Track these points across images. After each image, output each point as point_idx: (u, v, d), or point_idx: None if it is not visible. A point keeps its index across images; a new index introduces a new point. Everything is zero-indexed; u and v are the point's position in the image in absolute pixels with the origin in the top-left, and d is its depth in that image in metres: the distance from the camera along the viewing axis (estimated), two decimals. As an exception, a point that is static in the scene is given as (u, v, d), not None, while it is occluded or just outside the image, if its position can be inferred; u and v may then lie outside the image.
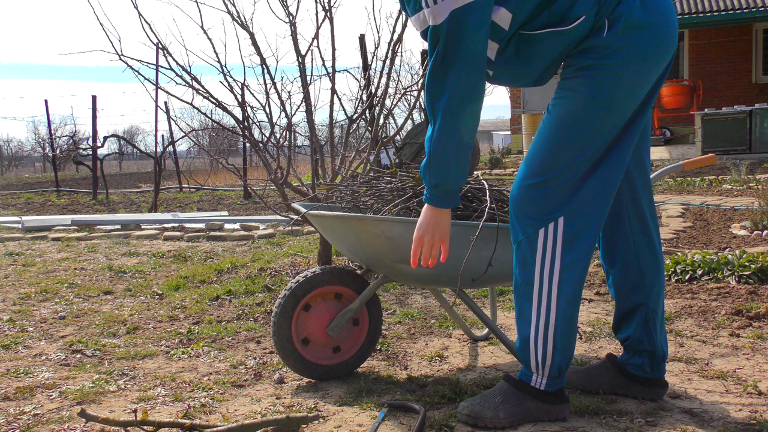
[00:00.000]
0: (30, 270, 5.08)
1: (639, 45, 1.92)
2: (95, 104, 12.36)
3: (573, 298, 2.04)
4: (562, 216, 1.99)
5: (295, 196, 4.57)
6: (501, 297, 3.82)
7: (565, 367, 2.10)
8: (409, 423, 2.13)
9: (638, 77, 1.96)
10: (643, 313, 2.25)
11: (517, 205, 2.04)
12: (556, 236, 1.99)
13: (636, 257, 2.24)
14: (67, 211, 10.17)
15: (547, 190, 1.99)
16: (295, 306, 2.52)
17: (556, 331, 2.04)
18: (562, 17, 1.91)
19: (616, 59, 1.92)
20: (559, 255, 2.00)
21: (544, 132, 2.02)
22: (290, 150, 4.23)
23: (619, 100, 1.96)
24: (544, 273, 2.01)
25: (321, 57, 4.16)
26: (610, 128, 1.98)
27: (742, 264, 3.92)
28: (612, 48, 1.91)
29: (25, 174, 34.51)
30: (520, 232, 2.04)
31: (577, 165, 1.98)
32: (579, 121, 1.96)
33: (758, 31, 15.89)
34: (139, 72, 3.94)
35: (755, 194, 7.50)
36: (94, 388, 2.55)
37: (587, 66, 1.94)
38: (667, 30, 1.97)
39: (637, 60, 1.93)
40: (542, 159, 2.00)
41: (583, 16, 1.89)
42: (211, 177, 17.08)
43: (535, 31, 1.94)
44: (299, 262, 4.70)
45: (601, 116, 1.95)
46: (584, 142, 1.97)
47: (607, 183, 2.01)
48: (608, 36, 1.91)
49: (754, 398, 2.28)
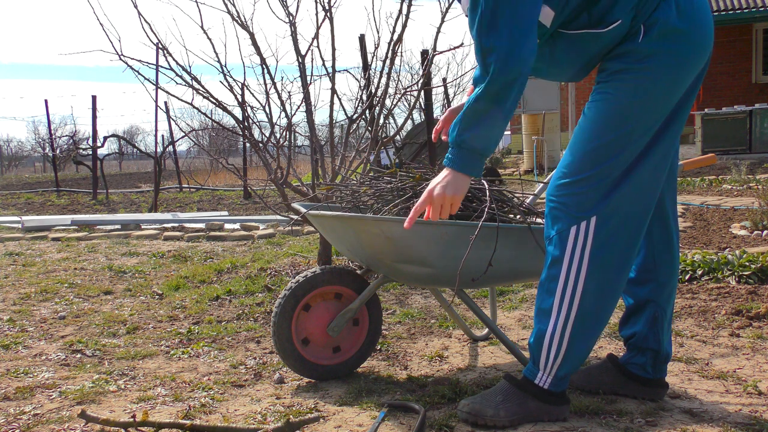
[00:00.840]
0: (30, 270, 5.08)
1: (673, 51, 1.94)
2: (95, 104, 12.37)
3: (599, 301, 2.02)
4: (595, 216, 1.99)
5: (295, 196, 4.57)
6: (501, 297, 3.82)
7: (573, 371, 2.10)
8: (409, 423, 2.13)
9: (672, 82, 1.98)
10: (652, 310, 2.26)
11: (551, 202, 2.06)
12: (587, 235, 1.99)
13: (653, 254, 2.25)
14: (67, 211, 10.17)
15: (580, 189, 2.00)
16: (295, 306, 2.52)
17: (573, 331, 2.03)
18: (600, 19, 1.95)
19: (649, 64, 1.94)
20: (588, 254, 1.99)
21: (578, 134, 2.05)
22: (290, 150, 4.23)
23: (652, 104, 1.98)
24: (571, 271, 2.01)
25: (321, 57, 4.16)
26: (643, 131, 2.00)
27: (742, 264, 3.92)
28: (646, 53, 1.94)
29: (25, 174, 34.52)
30: (552, 228, 2.05)
31: (611, 167, 1.99)
32: (611, 124, 1.98)
33: (758, 31, 15.90)
34: (139, 72, 3.94)
35: (755, 194, 7.50)
36: (94, 388, 2.55)
37: (621, 70, 1.97)
38: (702, 36, 1.98)
39: (671, 66, 1.95)
40: (576, 159, 2.03)
41: (620, 20, 1.93)
42: (211, 177, 17.09)
43: (572, 31, 1.98)
44: (299, 262, 4.70)
45: (634, 120, 1.97)
46: (617, 145, 1.98)
47: (643, 186, 2.02)
48: (643, 41, 1.94)
49: (754, 398, 2.28)
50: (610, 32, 1.95)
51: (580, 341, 2.05)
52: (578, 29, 1.98)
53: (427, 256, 2.33)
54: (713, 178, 10.17)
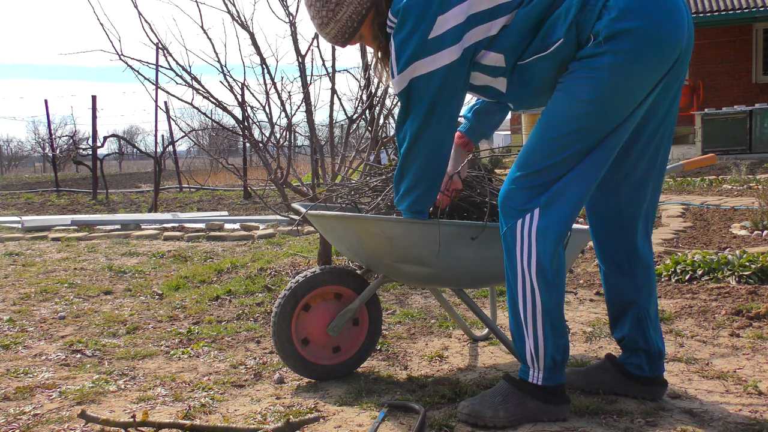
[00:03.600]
0: (30, 270, 5.08)
1: (628, 50, 1.95)
2: (95, 104, 12.37)
3: (553, 285, 2.07)
4: (538, 207, 2.05)
5: (295, 196, 4.57)
6: (501, 297, 3.82)
7: (560, 358, 2.11)
8: (409, 423, 2.13)
9: (625, 80, 1.98)
10: (635, 311, 2.29)
11: (502, 197, 2.12)
12: (531, 226, 2.05)
13: (626, 256, 2.29)
14: (67, 211, 10.17)
15: (528, 184, 2.07)
16: (295, 306, 2.52)
17: (544, 320, 2.07)
18: (544, 43, 2.03)
19: (601, 63, 1.96)
20: (534, 245, 2.05)
21: (533, 131, 2.12)
22: (290, 150, 4.22)
23: (607, 104, 2.00)
24: (524, 263, 2.07)
25: (321, 57, 4.16)
26: (593, 130, 2.02)
27: (742, 264, 3.92)
28: (595, 54, 1.97)
29: (25, 174, 34.51)
30: (503, 224, 2.12)
31: (560, 163, 2.04)
32: (560, 121, 2.04)
33: (758, 31, 15.89)
34: (139, 72, 3.94)
35: (755, 194, 7.50)
36: (94, 388, 2.55)
37: (574, 69, 2.02)
38: (663, 33, 1.97)
39: (626, 64, 1.96)
40: (527, 155, 2.10)
41: (561, 39, 2.00)
42: (211, 177, 17.08)
43: (525, 61, 2.08)
44: (299, 262, 4.70)
45: (583, 118, 2.01)
46: (564, 142, 2.03)
47: (585, 178, 2.06)
48: (592, 46, 1.98)
49: (754, 398, 2.28)
50: (556, 51, 2.01)
51: (552, 326, 2.08)
52: (529, 57, 2.07)
53: (426, 255, 2.33)
54: (713, 178, 10.17)
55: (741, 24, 15.32)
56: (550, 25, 2.01)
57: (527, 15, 2.02)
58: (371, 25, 2.22)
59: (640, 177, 2.22)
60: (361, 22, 2.20)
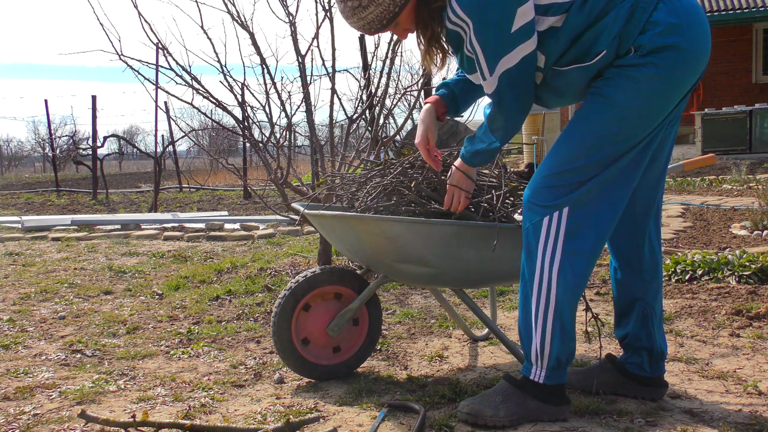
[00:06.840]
0: (30, 270, 5.08)
1: (667, 62, 1.97)
2: (95, 104, 12.38)
3: (572, 289, 2.07)
4: (567, 206, 2.04)
5: (295, 196, 4.57)
6: (501, 297, 3.82)
7: (565, 359, 2.11)
8: (409, 423, 2.13)
9: (663, 92, 2.01)
10: (641, 308, 2.30)
11: (529, 194, 2.11)
12: (559, 225, 2.04)
13: (636, 253, 2.29)
14: (67, 211, 10.17)
15: (557, 182, 2.06)
16: (295, 306, 2.52)
17: (555, 319, 2.07)
18: (586, 53, 2.03)
19: (640, 72, 1.98)
20: (561, 244, 2.04)
21: (565, 130, 2.13)
22: (290, 150, 4.22)
23: (641, 111, 2.01)
24: (545, 260, 2.06)
25: (321, 57, 4.16)
26: (627, 136, 2.04)
27: (742, 264, 3.92)
28: (637, 65, 1.98)
29: (25, 174, 34.51)
30: (527, 219, 2.11)
31: (590, 165, 2.04)
32: (595, 124, 2.04)
33: (758, 31, 15.89)
34: (139, 72, 3.94)
35: (755, 194, 7.49)
36: (94, 388, 2.55)
37: (612, 76, 2.02)
38: (697, 47, 2.01)
39: (665, 75, 1.98)
40: (558, 153, 2.09)
41: (604, 51, 2.00)
42: (211, 177, 17.09)
43: (563, 68, 2.08)
44: (299, 262, 4.70)
45: (618, 123, 2.02)
46: (599, 143, 2.03)
47: (617, 184, 2.06)
48: (633, 56, 1.99)
49: (754, 398, 2.28)
50: (597, 63, 2.02)
51: (562, 327, 2.08)
52: (568, 65, 2.07)
53: (426, 255, 2.33)
54: (713, 178, 10.17)
55: (741, 24, 15.32)
56: (594, 34, 2.00)
57: (578, 21, 2.00)
58: (415, 12, 2.12)
59: (655, 176, 2.24)
60: (403, 7, 2.08)
